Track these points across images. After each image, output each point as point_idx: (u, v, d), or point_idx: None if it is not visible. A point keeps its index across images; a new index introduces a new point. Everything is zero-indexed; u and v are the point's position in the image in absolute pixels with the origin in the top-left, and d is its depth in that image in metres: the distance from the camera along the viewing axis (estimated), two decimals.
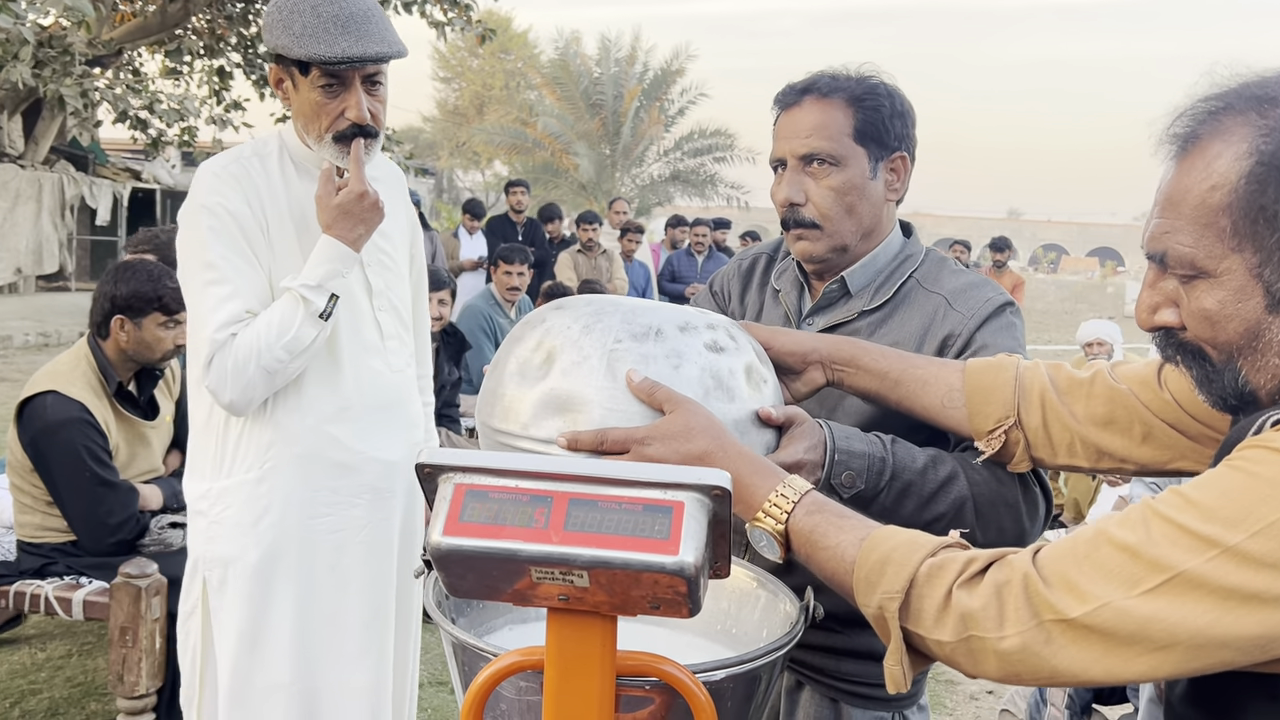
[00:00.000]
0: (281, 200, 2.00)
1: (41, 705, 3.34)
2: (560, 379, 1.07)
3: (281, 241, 1.99)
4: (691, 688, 0.97)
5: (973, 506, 1.32)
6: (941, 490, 1.31)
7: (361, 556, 2.07)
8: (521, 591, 0.90)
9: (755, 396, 1.14)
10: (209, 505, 2.04)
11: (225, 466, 2.03)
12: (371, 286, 2.10)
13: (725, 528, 0.92)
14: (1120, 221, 67.02)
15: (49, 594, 2.85)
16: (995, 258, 10.09)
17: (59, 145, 14.68)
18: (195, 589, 2.09)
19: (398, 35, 1.98)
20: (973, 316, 1.49)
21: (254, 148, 2.06)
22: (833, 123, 1.50)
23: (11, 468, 2.93)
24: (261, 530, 2.00)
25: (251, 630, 2.02)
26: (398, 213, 2.22)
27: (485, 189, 32.25)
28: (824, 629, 1.55)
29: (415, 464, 0.88)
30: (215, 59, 14.14)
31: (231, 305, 1.91)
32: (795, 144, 1.51)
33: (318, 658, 2.05)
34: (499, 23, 31.77)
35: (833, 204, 1.51)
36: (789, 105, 1.54)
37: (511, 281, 6.04)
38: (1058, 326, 22.68)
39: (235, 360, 1.89)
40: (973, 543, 1.30)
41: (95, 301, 2.97)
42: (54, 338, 13.18)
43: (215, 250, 1.92)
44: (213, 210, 1.93)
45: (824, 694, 1.60)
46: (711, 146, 26.87)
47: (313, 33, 1.86)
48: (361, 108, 1.94)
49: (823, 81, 1.52)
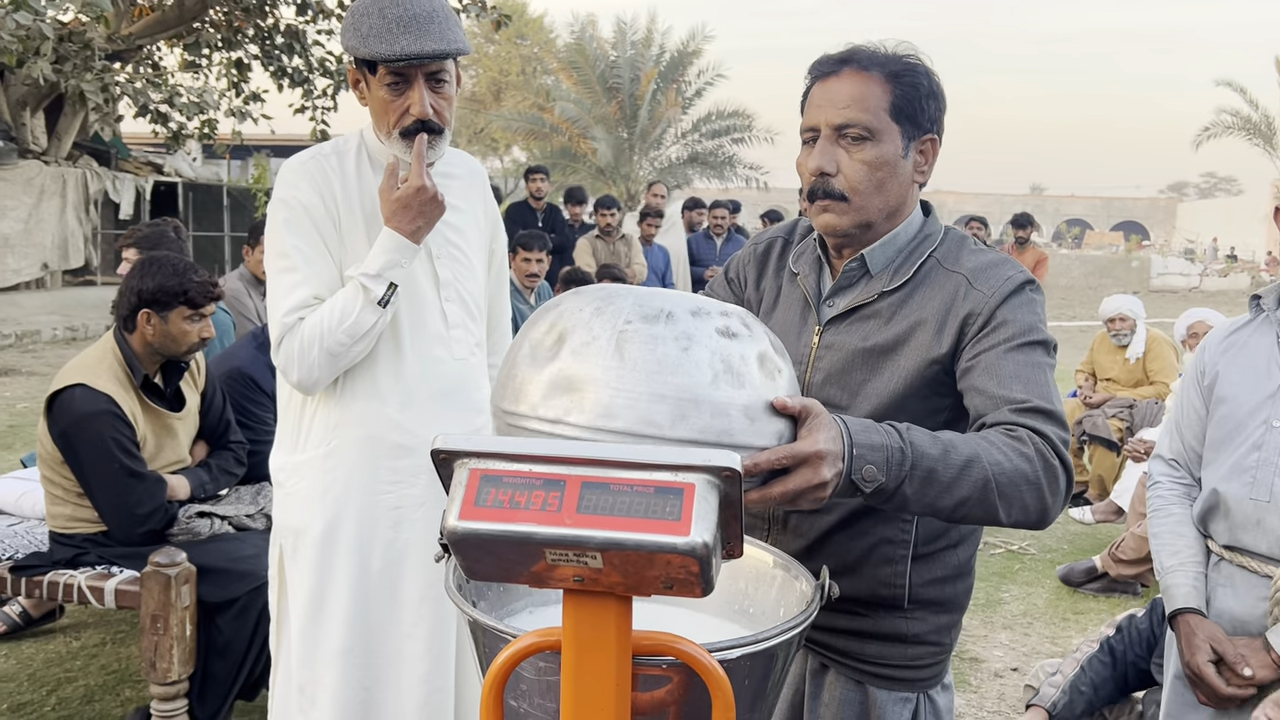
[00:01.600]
0: (354, 195, 2.11)
1: (77, 693, 3.41)
2: (570, 359, 1.07)
3: (352, 233, 2.10)
4: (707, 666, 0.98)
5: (995, 487, 1.30)
6: (962, 474, 1.28)
7: (420, 533, 2.16)
8: (537, 574, 0.92)
9: (769, 385, 1.13)
10: (285, 477, 2.19)
11: (300, 442, 2.17)
12: (439, 277, 2.19)
13: (736, 508, 0.93)
14: (1145, 195, 66.25)
15: (81, 584, 2.90)
16: (1017, 234, 10.01)
17: (81, 141, 14.79)
18: (275, 556, 2.23)
19: (461, 34, 2.05)
20: (994, 294, 1.48)
21: (335, 145, 2.17)
22: (871, 95, 1.49)
23: (42, 460, 2.98)
24: (328, 503, 2.12)
25: (317, 597, 2.14)
26: (474, 208, 2.31)
27: (504, 175, 32.26)
28: (848, 612, 1.57)
29: (430, 450, 0.90)
30: (233, 51, 14.22)
31: (300, 292, 2.04)
32: (831, 113, 1.50)
33: (375, 626, 2.15)
34: (514, 8, 31.72)
35: (864, 177, 1.50)
36: (826, 75, 1.52)
37: (530, 268, 6.06)
38: (1082, 302, 22.50)
39: (301, 342, 2.02)
40: (997, 522, 1.32)
41: (121, 296, 3.01)
42: (81, 331, 13.34)
43: (288, 241, 2.06)
44: (288, 203, 2.07)
45: (849, 676, 1.61)
46: (730, 128, 26.72)
47: (377, 33, 1.96)
48: (424, 104, 2.02)
49: (862, 54, 1.51)
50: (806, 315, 1.63)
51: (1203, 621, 2.05)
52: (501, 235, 2.45)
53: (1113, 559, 4.75)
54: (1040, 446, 1.34)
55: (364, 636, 2.14)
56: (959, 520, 1.32)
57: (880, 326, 1.54)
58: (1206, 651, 2.00)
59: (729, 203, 9.74)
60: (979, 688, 3.78)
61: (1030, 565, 5.23)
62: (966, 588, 1.65)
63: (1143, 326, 6.35)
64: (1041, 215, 60.65)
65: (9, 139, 13.09)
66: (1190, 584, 2.10)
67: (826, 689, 1.63)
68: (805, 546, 1.57)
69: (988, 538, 5.63)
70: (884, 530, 1.55)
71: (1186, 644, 2.05)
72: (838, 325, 1.58)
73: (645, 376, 1.05)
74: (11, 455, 6.53)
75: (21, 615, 3.81)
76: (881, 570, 1.56)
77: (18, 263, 13.29)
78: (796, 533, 1.59)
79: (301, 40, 14.10)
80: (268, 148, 20.82)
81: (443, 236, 2.18)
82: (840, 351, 1.56)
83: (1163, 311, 19.33)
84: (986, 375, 1.44)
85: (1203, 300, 21.79)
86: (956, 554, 1.61)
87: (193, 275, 2.99)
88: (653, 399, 1.05)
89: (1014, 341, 1.45)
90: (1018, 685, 3.73)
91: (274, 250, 2.08)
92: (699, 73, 26.95)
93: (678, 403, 1.05)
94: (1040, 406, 1.39)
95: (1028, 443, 1.34)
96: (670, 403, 1.05)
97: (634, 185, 25.85)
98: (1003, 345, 1.45)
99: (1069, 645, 4.21)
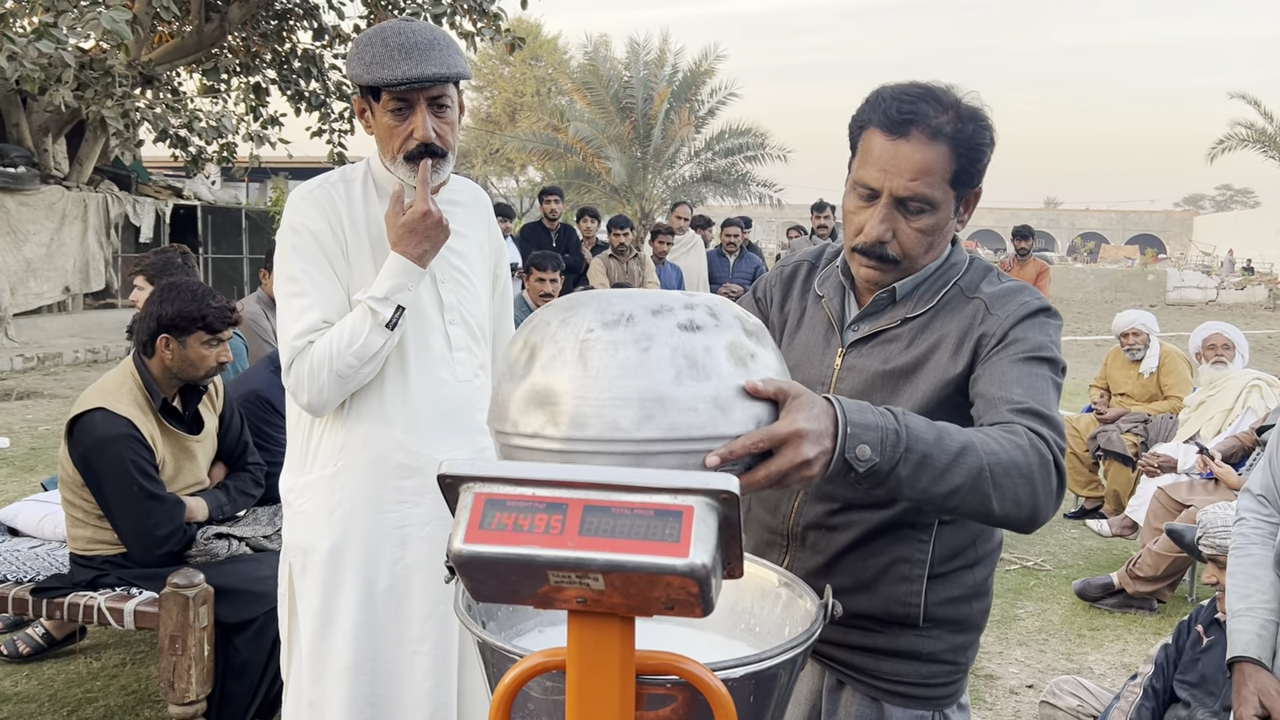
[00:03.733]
0: (360, 221, 2.16)
1: (97, 713, 3.44)
2: (540, 374, 1.08)
3: (359, 258, 2.15)
4: (711, 685, 1.01)
5: (989, 476, 1.28)
6: (957, 461, 1.27)
7: (426, 552, 2.20)
8: (541, 595, 0.94)
9: (739, 372, 1.11)
10: (294, 497, 2.23)
11: (307, 463, 2.21)
12: (443, 301, 2.23)
13: (736, 530, 0.96)
14: (1161, 208, 65.90)
15: (101, 605, 2.94)
16: (1018, 245, 10.05)
17: (102, 165, 14.98)
18: (285, 575, 2.28)
19: (462, 60, 2.10)
20: (1009, 317, 1.52)
21: (342, 174, 2.22)
22: (937, 168, 1.49)
23: (63, 482, 3.03)
24: (335, 522, 2.16)
25: (325, 614, 2.18)
26: (477, 233, 2.35)
27: (519, 195, 32.40)
28: (862, 629, 1.59)
29: (437, 475, 0.93)
30: (251, 76, 14.40)
31: (310, 316, 2.09)
32: (898, 183, 1.49)
33: (381, 643, 2.19)
34: (528, 30, 31.96)
35: (917, 243, 1.53)
36: (892, 134, 1.49)
37: (544, 288, 6.10)
38: (1097, 316, 22.38)
39: (311, 365, 2.06)
40: (989, 514, 1.30)
41: (141, 321, 3.07)
42: (102, 354, 13.46)
43: (297, 265, 2.11)
44: (296, 229, 2.12)
45: (865, 693, 1.63)
46: (743, 146, 26.78)
47: (380, 60, 2.01)
48: (426, 128, 2.06)
49: (930, 115, 1.48)
50: (830, 338, 1.67)
51: (1257, 672, 1.99)
52: (504, 260, 2.49)
53: (1130, 576, 4.73)
54: (1035, 442, 1.34)
55: (370, 653, 2.18)
56: (951, 510, 1.31)
57: (901, 350, 1.58)
58: (1254, 705, 1.95)
59: (740, 219, 9.78)
60: (994, 704, 3.77)
61: (1046, 581, 5.21)
62: (984, 608, 1.66)
63: (1156, 341, 6.33)
64: (1056, 229, 60.40)
65: (31, 165, 13.27)
66: (1255, 631, 2.03)
67: (842, 706, 1.65)
68: (823, 564, 1.60)
69: (1003, 554, 5.62)
70: (900, 549, 1.57)
71: (1237, 694, 1.99)
72: (860, 348, 1.62)
73: (608, 383, 1.05)
74: (33, 477, 6.60)
75: (44, 637, 3.85)
76: (897, 588, 1.58)
77: (40, 286, 13.44)
78: (815, 550, 1.62)
79: (318, 64, 14.28)
80: (285, 170, 21.03)
81: (446, 261, 2.22)
82: (861, 374, 1.60)
83: (1179, 325, 19.21)
84: (990, 381, 1.46)
85: (1219, 314, 21.65)
86: (974, 574, 1.63)
87: (210, 301, 3.04)
88: (617, 404, 1.04)
89: (1022, 355, 1.48)
90: (1033, 702, 3.71)
91: (283, 275, 2.13)
92: (712, 91, 27.04)
93: (642, 404, 1.04)
94: (1038, 410, 1.40)
95: (1023, 436, 1.34)
96: (635, 405, 1.04)
97: (648, 204, 25.93)
98: (1010, 357, 1.48)
99: (1085, 662, 4.19)
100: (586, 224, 9.39)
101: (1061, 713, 3.23)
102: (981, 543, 1.64)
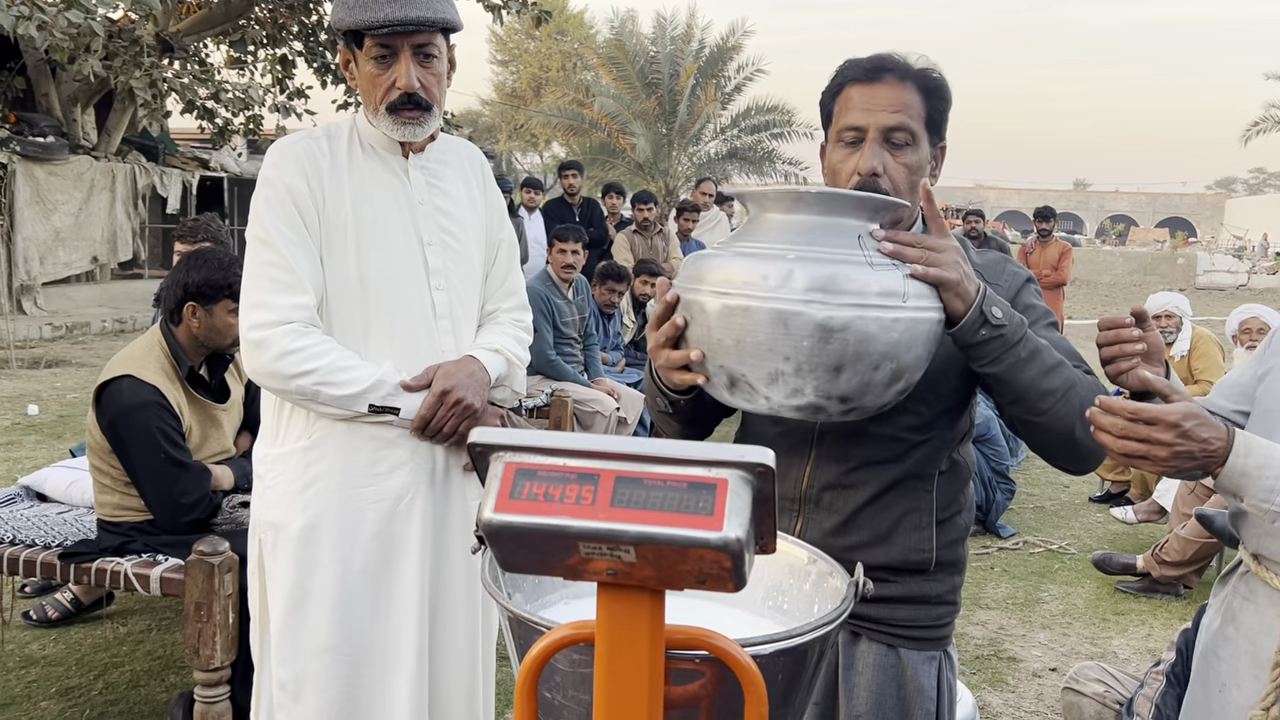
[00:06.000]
0: (343, 177, 2.09)
1: (124, 677, 3.48)
2: None
3: (336, 214, 2.07)
4: (741, 661, 0.99)
5: (1078, 391, 1.47)
6: (1058, 368, 1.47)
7: (416, 525, 2.12)
8: (571, 566, 0.93)
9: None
10: (265, 470, 2.15)
11: (280, 435, 2.13)
12: (430, 265, 2.15)
13: (770, 504, 0.94)
14: (1192, 191, 65.01)
15: (128, 571, 2.96)
16: (1040, 226, 9.96)
17: (130, 136, 15.04)
18: (255, 551, 2.19)
19: (452, 9, 2.03)
20: (1009, 286, 1.65)
21: (326, 129, 2.15)
22: (913, 104, 1.57)
23: (91, 449, 3.05)
24: (309, 497, 2.08)
25: (298, 593, 2.09)
26: (471, 194, 2.26)
27: (544, 171, 32.32)
28: (881, 580, 1.63)
29: (468, 443, 0.91)
30: (278, 48, 14.40)
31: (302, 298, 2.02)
32: (882, 116, 1.55)
33: (361, 622, 2.10)
34: (555, 4, 31.76)
35: (904, 180, 1.58)
36: (868, 80, 1.58)
37: (566, 260, 6.07)
38: (1126, 299, 22.15)
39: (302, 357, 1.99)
40: (1071, 428, 1.46)
41: (168, 289, 3.07)
42: (129, 323, 13.59)
43: (268, 219, 2.03)
44: (271, 183, 2.05)
45: (882, 642, 1.67)
46: (769, 123, 26.59)
47: (363, 4, 1.96)
48: (409, 75, 1.99)
49: (896, 64, 1.58)
50: None
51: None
52: (507, 222, 2.40)
53: (1156, 560, 4.68)
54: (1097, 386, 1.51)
55: (350, 633, 2.10)
56: (1037, 410, 1.47)
57: None
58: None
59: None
60: (1017, 687, 3.75)
61: (1070, 565, 5.17)
62: (967, 548, 1.78)
63: (1188, 324, 6.25)
64: (1085, 211, 59.72)
65: (60, 135, 13.35)
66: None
67: (860, 658, 1.68)
68: (840, 523, 1.64)
69: (1028, 537, 5.58)
70: (910, 500, 1.64)
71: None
72: None
73: None
74: (62, 444, 6.68)
75: (73, 602, 3.90)
76: (911, 537, 1.64)
77: (68, 256, 13.55)
78: (830, 510, 1.65)
79: None
80: None
81: (435, 224, 2.15)
82: None
83: (1209, 309, 18.98)
84: None
85: (1251, 298, 21.33)
86: (963, 517, 1.72)
87: (237, 269, 3.03)
88: None
89: (1041, 322, 1.61)
90: (1056, 685, 3.69)
91: (254, 226, 2.06)
92: (738, 68, 26.84)
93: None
94: (1088, 368, 1.55)
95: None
96: None
97: (673, 180, 25.82)
98: (1033, 325, 1.56)
99: (1109, 646, 4.16)
100: (612, 200, 9.37)
101: (1086, 699, 3.21)
102: (965, 492, 1.74)
